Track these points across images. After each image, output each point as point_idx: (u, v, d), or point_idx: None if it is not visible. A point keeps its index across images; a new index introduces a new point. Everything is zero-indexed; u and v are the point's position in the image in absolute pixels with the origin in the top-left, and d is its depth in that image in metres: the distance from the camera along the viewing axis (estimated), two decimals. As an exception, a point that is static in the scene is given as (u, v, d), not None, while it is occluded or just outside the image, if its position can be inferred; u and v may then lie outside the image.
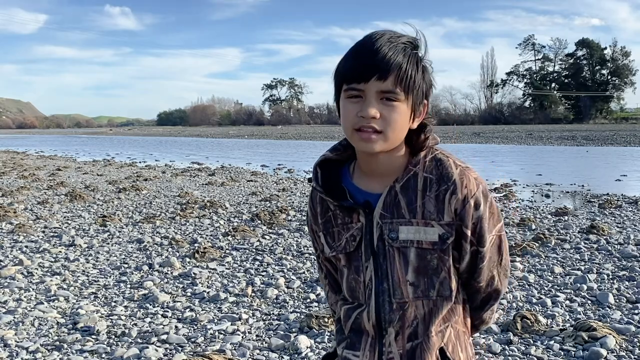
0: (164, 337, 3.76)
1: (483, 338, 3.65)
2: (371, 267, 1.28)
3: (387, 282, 1.26)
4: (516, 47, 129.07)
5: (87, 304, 4.43)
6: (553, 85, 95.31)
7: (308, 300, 4.51)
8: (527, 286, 4.75)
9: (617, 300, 4.35)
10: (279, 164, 20.04)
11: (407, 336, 1.27)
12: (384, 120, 1.19)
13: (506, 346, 3.53)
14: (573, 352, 3.42)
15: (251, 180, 13.96)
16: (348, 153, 1.35)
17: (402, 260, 1.26)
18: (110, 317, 4.15)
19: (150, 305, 4.42)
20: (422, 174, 1.26)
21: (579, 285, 4.69)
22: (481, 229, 1.28)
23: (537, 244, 6.07)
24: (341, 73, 1.23)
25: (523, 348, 3.50)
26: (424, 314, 1.27)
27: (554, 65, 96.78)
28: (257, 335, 3.82)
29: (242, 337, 3.79)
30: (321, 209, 1.37)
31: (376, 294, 1.27)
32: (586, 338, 3.51)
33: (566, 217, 7.91)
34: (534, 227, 7.19)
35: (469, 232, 1.27)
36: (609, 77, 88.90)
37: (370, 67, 1.17)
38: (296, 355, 3.48)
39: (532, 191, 11.52)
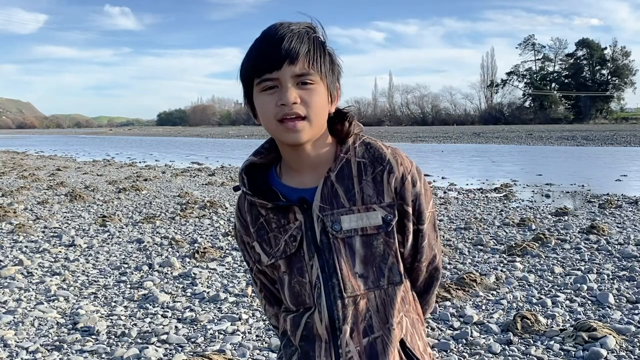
0: (164, 337, 3.76)
1: (483, 338, 3.65)
2: (316, 264, 1.22)
3: (336, 277, 1.21)
4: (516, 47, 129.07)
5: (87, 304, 4.43)
6: (553, 85, 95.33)
7: (308, 300, 4.51)
8: (527, 286, 4.75)
9: (617, 301, 4.35)
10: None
11: (362, 331, 1.22)
12: (305, 104, 1.16)
13: (506, 346, 3.53)
14: (573, 352, 3.42)
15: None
16: (272, 156, 1.31)
17: (349, 251, 1.21)
18: (110, 317, 4.15)
19: (150, 305, 4.42)
20: (354, 160, 1.24)
21: (579, 285, 4.69)
22: (420, 206, 1.27)
23: (537, 244, 6.06)
24: (250, 68, 1.19)
25: (523, 348, 3.50)
26: (376, 305, 1.23)
27: (554, 65, 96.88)
28: (257, 336, 3.82)
29: (242, 337, 3.79)
30: (252, 217, 1.30)
31: (326, 292, 1.22)
32: (586, 338, 3.51)
33: (566, 217, 7.90)
34: (534, 227, 7.19)
35: (410, 210, 1.25)
36: (609, 77, 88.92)
37: (279, 53, 1.15)
38: (296, 356, 3.47)
39: (532, 191, 11.51)
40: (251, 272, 1.39)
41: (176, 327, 3.96)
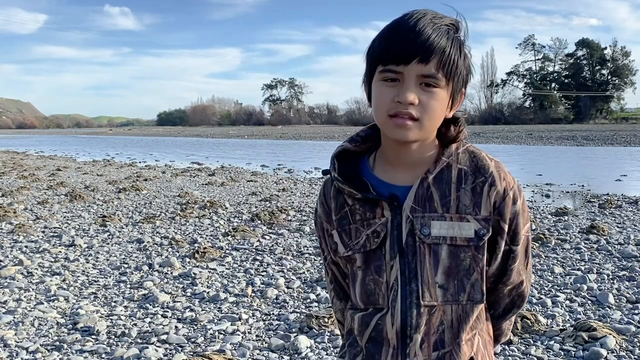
0: (164, 337, 3.76)
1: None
2: (397, 266, 1.16)
3: (415, 283, 1.15)
4: (516, 47, 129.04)
5: (87, 304, 4.43)
6: (553, 85, 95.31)
7: (308, 300, 4.51)
8: (527, 286, 4.75)
9: (617, 300, 4.35)
10: (279, 164, 20.04)
11: (432, 344, 1.16)
12: (422, 107, 1.10)
13: (506, 346, 3.53)
14: (573, 352, 3.42)
15: (251, 180, 13.96)
16: (367, 145, 1.25)
17: (433, 259, 1.15)
18: (110, 317, 4.15)
19: (150, 305, 4.42)
20: (456, 166, 1.18)
21: (579, 285, 4.69)
22: (516, 226, 1.20)
23: (537, 244, 6.07)
24: (377, 53, 1.12)
25: (523, 348, 3.50)
26: (451, 320, 1.16)
27: (554, 65, 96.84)
28: (257, 336, 3.82)
29: (242, 337, 3.79)
30: (336, 205, 1.24)
31: (402, 296, 1.15)
32: (586, 338, 3.51)
33: (566, 217, 7.91)
34: (534, 227, 7.19)
35: (506, 228, 1.19)
36: (609, 77, 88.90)
37: (411, 48, 1.07)
38: (296, 356, 3.48)
39: (532, 191, 11.51)
40: (325, 261, 1.35)
41: (176, 327, 3.96)
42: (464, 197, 1.16)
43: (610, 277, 4.97)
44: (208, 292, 4.71)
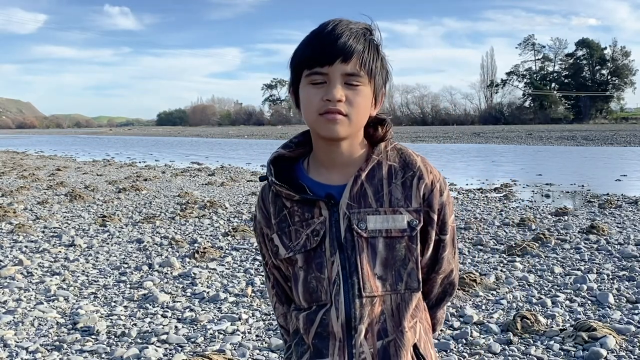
0: (164, 337, 3.76)
1: (483, 338, 3.65)
2: (337, 261, 1.22)
3: (356, 276, 1.21)
4: (516, 47, 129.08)
5: (86, 304, 4.43)
6: (553, 85, 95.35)
7: (308, 300, 4.51)
8: (527, 286, 4.75)
9: (617, 300, 4.35)
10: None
11: (376, 333, 1.22)
12: (349, 104, 1.18)
13: (506, 346, 3.53)
14: (573, 352, 3.42)
15: (251, 180, 13.96)
16: (300, 150, 1.32)
17: (371, 251, 1.22)
18: (110, 317, 4.15)
19: (150, 305, 4.42)
20: (386, 163, 1.26)
21: (579, 285, 4.69)
22: (444, 216, 1.29)
23: (537, 244, 6.07)
24: (302, 58, 1.21)
25: (523, 348, 3.50)
26: (391, 308, 1.23)
27: (554, 65, 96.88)
28: (257, 335, 3.82)
29: (242, 337, 3.79)
30: (274, 208, 1.30)
31: (345, 289, 1.21)
32: (586, 338, 3.51)
33: (566, 217, 7.91)
34: (534, 227, 7.19)
35: (435, 218, 1.27)
36: (609, 77, 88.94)
37: (333, 50, 1.16)
38: (296, 356, 3.47)
39: (532, 191, 11.51)
40: (266, 266, 1.39)
41: (176, 327, 3.96)
42: (395, 191, 1.24)
43: (610, 277, 4.97)
44: (208, 292, 4.71)
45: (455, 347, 3.56)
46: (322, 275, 1.23)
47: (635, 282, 4.75)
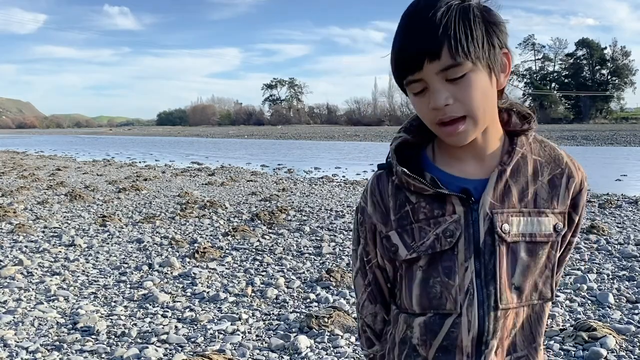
0: (164, 337, 3.76)
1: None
2: (472, 267, 1.05)
3: (493, 285, 1.05)
4: (516, 47, 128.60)
5: (87, 304, 4.43)
6: (553, 85, 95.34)
7: (308, 300, 4.51)
8: (527, 286, 4.75)
9: (617, 300, 4.35)
10: (279, 164, 20.04)
11: (505, 349, 1.08)
12: (461, 102, 0.99)
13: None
14: (573, 352, 3.42)
15: (251, 180, 13.96)
16: (422, 136, 1.14)
17: (511, 258, 1.06)
18: (110, 317, 4.15)
19: (150, 305, 4.42)
20: (531, 157, 1.09)
21: (579, 285, 4.69)
22: (580, 218, 1.14)
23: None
24: (394, 70, 1.04)
25: (523, 348, 3.50)
26: (522, 322, 1.09)
27: (554, 65, 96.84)
28: (257, 335, 3.82)
29: (242, 337, 3.79)
30: (395, 203, 1.11)
31: (479, 300, 1.05)
32: (586, 338, 3.51)
33: (566, 217, 7.90)
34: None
35: (576, 220, 1.13)
36: (609, 77, 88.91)
37: (415, 52, 0.97)
38: (296, 355, 3.48)
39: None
40: (367, 264, 1.21)
41: (176, 327, 3.96)
42: (541, 190, 1.08)
43: (610, 277, 4.97)
44: (208, 292, 4.71)
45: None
46: (451, 281, 1.07)
47: (635, 282, 4.75)
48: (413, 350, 1.12)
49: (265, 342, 3.68)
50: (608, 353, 3.36)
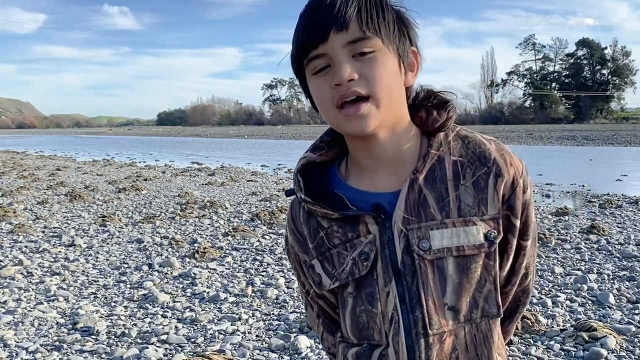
0: (164, 337, 3.76)
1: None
2: (394, 291, 0.95)
3: (419, 310, 0.94)
4: (516, 47, 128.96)
5: (86, 304, 4.43)
6: (553, 85, 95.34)
7: (308, 300, 4.50)
8: (527, 286, 4.75)
9: (618, 301, 4.34)
10: (279, 164, 20.04)
11: None
12: (366, 79, 0.90)
13: (506, 346, 3.52)
14: (573, 352, 3.41)
15: (251, 180, 13.96)
16: (334, 151, 1.05)
17: (438, 276, 0.94)
18: (110, 317, 4.15)
19: (150, 305, 4.41)
20: (449, 158, 0.97)
21: (579, 285, 4.68)
22: (527, 218, 1.01)
23: (537, 244, 6.05)
24: (296, 47, 0.96)
25: (523, 348, 3.50)
26: (465, 343, 0.97)
27: (555, 65, 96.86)
28: (257, 336, 3.81)
29: (242, 337, 3.79)
30: (309, 230, 1.04)
31: (405, 327, 0.95)
32: (586, 338, 3.50)
33: (566, 217, 7.90)
34: (534, 227, 7.18)
35: (518, 223, 0.99)
36: (610, 76, 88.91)
37: (322, 21, 0.90)
38: (296, 356, 3.47)
39: (533, 191, 11.49)
40: (307, 295, 1.14)
41: (176, 327, 3.96)
42: (465, 195, 0.95)
43: (611, 277, 4.96)
44: (208, 292, 4.71)
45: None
46: (374, 309, 0.97)
47: (635, 282, 4.75)
48: None
49: (266, 342, 3.68)
50: (608, 353, 3.35)
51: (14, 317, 4.16)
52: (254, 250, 6.23)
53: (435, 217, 0.95)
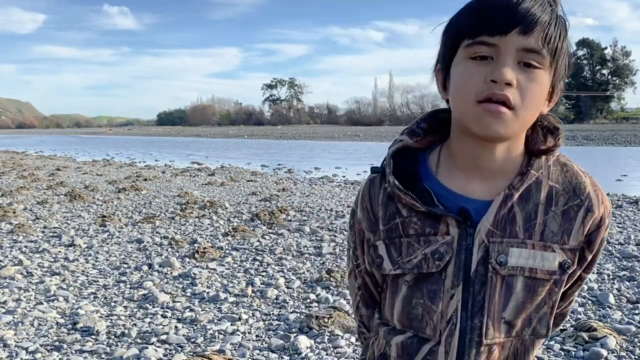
0: (164, 337, 3.76)
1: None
2: (458, 296, 0.96)
3: (479, 319, 0.95)
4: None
5: (86, 304, 4.43)
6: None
7: (308, 300, 4.51)
8: (527, 286, 4.75)
9: (618, 301, 4.34)
10: (279, 164, 20.04)
11: None
12: (521, 92, 0.88)
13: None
14: (573, 353, 3.41)
15: (251, 180, 13.96)
16: (427, 140, 1.04)
17: (505, 292, 0.95)
18: (110, 317, 4.15)
19: (150, 305, 4.41)
20: (546, 182, 0.97)
21: (579, 285, 4.68)
22: (597, 253, 1.03)
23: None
24: (464, 25, 0.91)
25: (523, 348, 3.50)
26: (507, 355, 1.00)
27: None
28: (257, 336, 3.81)
29: (242, 337, 3.79)
30: (385, 213, 1.02)
31: (461, 332, 0.96)
32: (586, 338, 3.50)
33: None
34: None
35: (590, 257, 1.02)
36: (610, 76, 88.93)
37: (510, 15, 0.87)
38: (296, 356, 3.47)
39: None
40: (355, 268, 1.14)
41: (176, 327, 3.96)
42: (551, 222, 0.96)
43: (611, 277, 4.96)
44: (208, 292, 4.71)
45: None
46: (434, 306, 0.98)
47: (635, 282, 4.75)
48: (382, 355, 1.06)
49: (265, 343, 3.68)
50: (608, 353, 3.35)
51: (13, 317, 4.15)
52: (254, 250, 6.23)
53: (517, 236, 0.95)
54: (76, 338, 3.76)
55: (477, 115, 0.90)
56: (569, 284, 1.04)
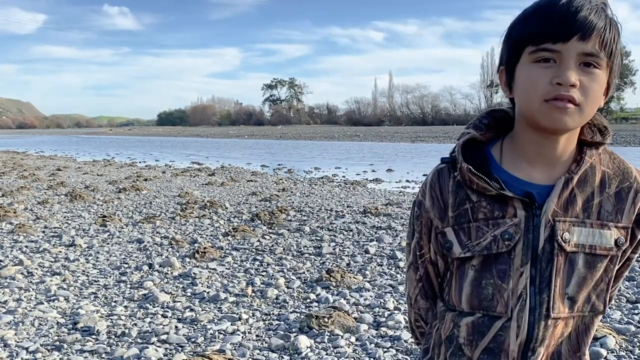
0: (164, 337, 3.76)
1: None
2: (527, 273, 1.05)
3: (547, 294, 1.05)
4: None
5: (87, 304, 4.43)
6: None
7: (308, 300, 4.51)
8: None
9: (617, 300, 4.35)
10: (279, 164, 20.05)
11: (549, 356, 1.09)
12: (583, 91, 0.99)
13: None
14: (573, 352, 3.41)
15: (251, 180, 13.96)
16: (490, 134, 1.14)
17: (568, 268, 1.06)
18: (110, 317, 4.15)
19: (150, 305, 4.42)
20: (600, 167, 1.09)
21: (579, 285, 4.69)
22: None
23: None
24: (528, 32, 1.01)
25: (523, 348, 3.50)
26: (570, 332, 1.10)
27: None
28: (257, 335, 3.82)
29: (242, 337, 3.79)
30: (454, 200, 1.11)
31: (531, 306, 1.06)
32: (586, 338, 3.51)
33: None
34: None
35: (639, 236, 1.13)
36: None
37: (571, 24, 0.97)
38: (296, 356, 3.48)
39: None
40: (419, 258, 1.22)
41: (176, 327, 3.96)
42: (606, 202, 1.08)
43: (610, 277, 4.97)
44: (208, 292, 4.71)
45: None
46: (505, 285, 1.07)
47: (635, 282, 4.76)
48: (459, 349, 1.13)
49: (266, 342, 3.69)
50: (608, 353, 3.36)
51: (14, 317, 4.16)
52: (254, 250, 6.24)
53: (578, 216, 1.06)
54: (76, 338, 3.76)
55: (545, 111, 1.00)
56: (619, 264, 1.12)
